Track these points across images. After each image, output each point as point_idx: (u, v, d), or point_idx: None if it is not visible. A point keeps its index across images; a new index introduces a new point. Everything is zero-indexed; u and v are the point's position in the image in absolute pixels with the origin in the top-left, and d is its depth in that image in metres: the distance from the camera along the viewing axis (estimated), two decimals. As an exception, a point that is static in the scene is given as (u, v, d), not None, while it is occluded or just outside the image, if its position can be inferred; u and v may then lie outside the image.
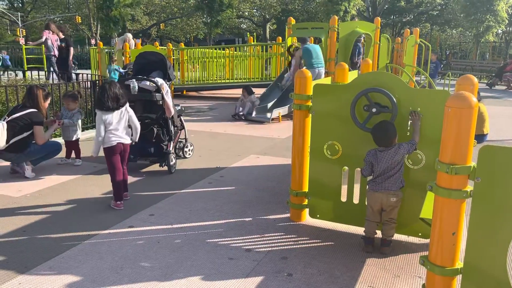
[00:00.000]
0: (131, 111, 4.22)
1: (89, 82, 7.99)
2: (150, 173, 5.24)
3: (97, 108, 3.99)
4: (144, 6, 36.81)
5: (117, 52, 11.62)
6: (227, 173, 5.26)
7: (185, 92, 13.73)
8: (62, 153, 5.52)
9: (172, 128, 5.34)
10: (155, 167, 5.41)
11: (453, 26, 40.84)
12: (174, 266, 3.00)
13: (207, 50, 13.86)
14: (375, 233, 3.27)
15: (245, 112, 9.24)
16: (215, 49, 13.88)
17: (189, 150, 5.96)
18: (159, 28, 43.35)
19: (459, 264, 2.41)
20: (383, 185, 3.13)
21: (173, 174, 5.18)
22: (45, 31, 11.19)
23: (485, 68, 23.84)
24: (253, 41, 20.25)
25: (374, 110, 3.25)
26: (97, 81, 8.07)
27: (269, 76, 13.33)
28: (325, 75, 8.76)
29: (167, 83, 5.23)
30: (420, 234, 3.32)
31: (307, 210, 3.78)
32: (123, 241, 3.38)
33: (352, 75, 4.45)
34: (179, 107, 5.75)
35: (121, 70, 10.22)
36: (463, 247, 2.35)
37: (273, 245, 3.35)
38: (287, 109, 9.26)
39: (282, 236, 3.53)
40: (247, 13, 43.24)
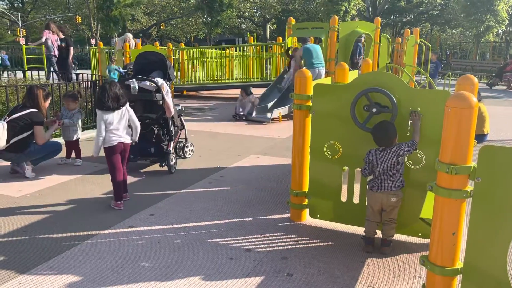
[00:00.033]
0: (131, 111, 4.23)
1: (89, 82, 7.99)
2: (150, 173, 5.24)
3: (98, 108, 4.01)
4: (144, 6, 36.81)
5: (117, 52, 11.62)
6: (227, 173, 5.26)
7: (185, 92, 13.73)
8: (62, 153, 5.52)
9: (172, 128, 5.35)
10: (155, 167, 5.41)
11: (453, 26, 40.85)
12: (174, 266, 3.00)
13: (207, 50, 13.86)
14: (375, 233, 3.27)
15: (246, 113, 9.24)
16: (215, 49, 13.88)
17: (189, 150, 5.96)
18: (159, 28, 43.37)
19: (459, 264, 2.41)
20: (383, 185, 3.13)
21: (173, 174, 5.18)
22: (45, 31, 11.18)
23: (485, 68, 23.84)
24: (253, 41, 20.24)
25: (374, 110, 3.25)
26: (97, 81, 8.07)
27: (269, 76, 13.33)
28: (325, 75, 8.76)
29: (167, 83, 5.24)
30: (420, 234, 3.32)
31: (307, 210, 3.78)
32: (123, 241, 3.38)
33: (352, 75, 4.45)
34: (179, 107, 5.76)
35: (121, 70, 10.24)
36: (463, 247, 2.35)
37: (273, 245, 3.35)
38: (287, 109, 9.26)
39: (282, 236, 3.53)
40: (247, 13, 43.26)
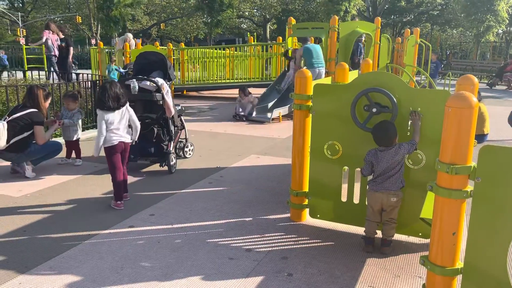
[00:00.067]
0: (132, 111, 4.23)
1: (90, 82, 7.99)
2: (151, 173, 5.24)
3: (98, 108, 4.01)
4: (145, 6, 36.81)
5: (117, 52, 11.62)
6: (227, 173, 5.26)
7: (186, 92, 13.73)
8: (63, 153, 5.52)
9: (173, 128, 5.35)
10: (156, 167, 5.41)
11: (454, 26, 40.85)
12: (175, 266, 3.00)
13: (208, 50, 13.86)
14: (376, 233, 3.27)
15: (246, 113, 9.24)
16: (216, 49, 13.88)
17: (190, 150, 5.96)
18: (160, 28, 43.38)
19: (460, 264, 2.41)
20: (384, 185, 3.13)
21: (173, 174, 5.18)
22: (45, 31, 11.18)
23: (486, 68, 23.85)
24: (254, 41, 20.21)
25: (375, 110, 3.25)
26: (98, 81, 8.07)
27: (270, 76, 13.33)
28: (326, 75, 8.76)
29: (168, 83, 5.24)
30: (421, 234, 3.32)
31: (307, 210, 3.78)
32: (124, 241, 3.38)
33: (353, 75, 4.45)
34: (180, 107, 5.76)
35: (121, 70, 10.24)
36: (464, 247, 2.35)
37: (274, 245, 3.35)
38: (288, 109, 9.26)
39: (282, 236, 3.53)
40: (248, 13, 43.27)
